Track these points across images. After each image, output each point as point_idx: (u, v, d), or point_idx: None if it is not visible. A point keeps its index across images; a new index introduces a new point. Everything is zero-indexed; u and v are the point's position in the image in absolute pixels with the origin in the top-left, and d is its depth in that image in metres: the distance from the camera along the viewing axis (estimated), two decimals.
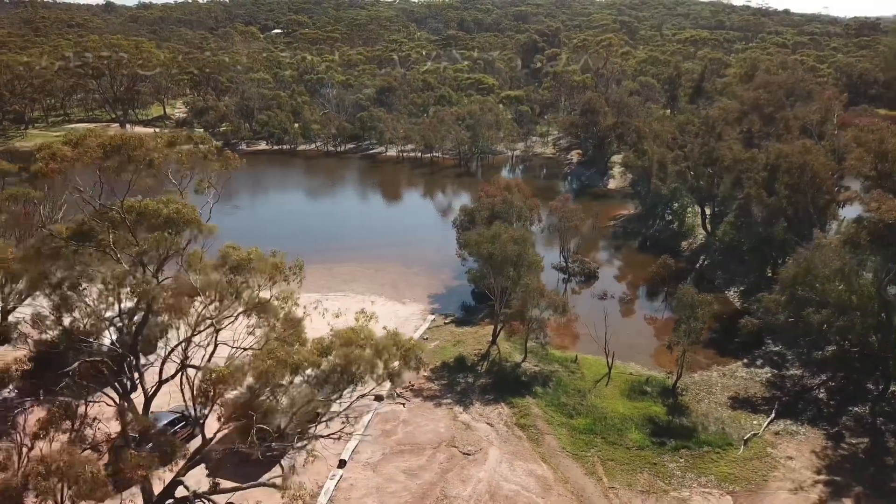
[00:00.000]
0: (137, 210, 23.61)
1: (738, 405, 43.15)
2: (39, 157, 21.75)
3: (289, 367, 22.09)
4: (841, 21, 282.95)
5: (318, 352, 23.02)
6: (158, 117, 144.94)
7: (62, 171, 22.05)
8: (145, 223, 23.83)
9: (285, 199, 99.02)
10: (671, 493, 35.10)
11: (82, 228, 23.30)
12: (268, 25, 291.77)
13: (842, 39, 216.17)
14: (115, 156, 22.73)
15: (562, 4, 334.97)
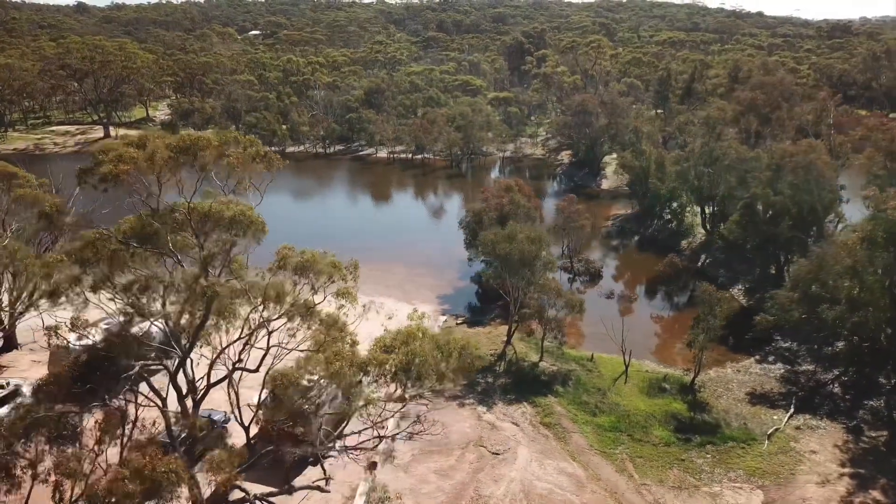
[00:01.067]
0: (202, 212, 23.32)
1: (756, 401, 43.78)
2: (107, 159, 21.36)
3: (356, 367, 21.99)
4: (812, 24, 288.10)
5: (381, 350, 22.99)
6: (141, 119, 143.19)
7: (130, 172, 21.69)
8: (208, 225, 23.55)
9: (280, 201, 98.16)
10: (702, 489, 35.53)
11: (145, 230, 22.95)
12: (245, 27, 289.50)
13: (815, 41, 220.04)
14: (184, 156, 22.44)
15: (539, 6, 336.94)
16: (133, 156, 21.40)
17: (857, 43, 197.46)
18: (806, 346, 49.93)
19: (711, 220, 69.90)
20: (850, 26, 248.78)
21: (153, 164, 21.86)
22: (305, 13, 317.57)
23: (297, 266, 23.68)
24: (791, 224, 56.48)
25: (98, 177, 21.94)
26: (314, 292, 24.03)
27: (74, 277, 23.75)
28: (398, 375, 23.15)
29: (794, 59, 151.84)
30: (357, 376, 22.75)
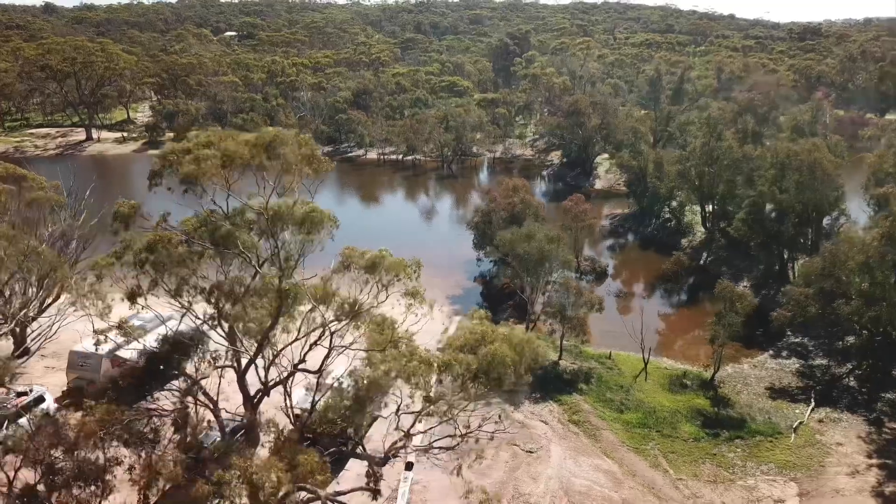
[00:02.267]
0: (274, 211, 23.10)
1: (776, 395, 44.57)
2: (188, 160, 21.05)
3: (435, 368, 22.01)
4: (782, 26, 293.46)
5: (457, 350, 23.02)
6: (122, 121, 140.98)
7: (215, 172, 21.40)
8: (279, 224, 23.33)
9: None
10: (737, 482, 36.08)
11: (220, 231, 22.65)
12: (219, 28, 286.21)
13: (786, 43, 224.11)
14: (265, 154, 22.18)
15: (516, 8, 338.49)
16: (213, 156, 21.12)
17: (827, 44, 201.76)
18: (817, 340, 50.93)
19: (712, 218, 70.91)
20: (820, 28, 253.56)
21: (234, 164, 21.58)
22: (281, 14, 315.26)
23: (366, 265, 23.61)
24: (796, 222, 57.67)
25: (179, 178, 21.54)
26: (385, 292, 23.96)
27: (153, 281, 23.42)
28: (478, 376, 23.21)
29: (771, 59, 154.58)
30: (432, 376, 22.79)
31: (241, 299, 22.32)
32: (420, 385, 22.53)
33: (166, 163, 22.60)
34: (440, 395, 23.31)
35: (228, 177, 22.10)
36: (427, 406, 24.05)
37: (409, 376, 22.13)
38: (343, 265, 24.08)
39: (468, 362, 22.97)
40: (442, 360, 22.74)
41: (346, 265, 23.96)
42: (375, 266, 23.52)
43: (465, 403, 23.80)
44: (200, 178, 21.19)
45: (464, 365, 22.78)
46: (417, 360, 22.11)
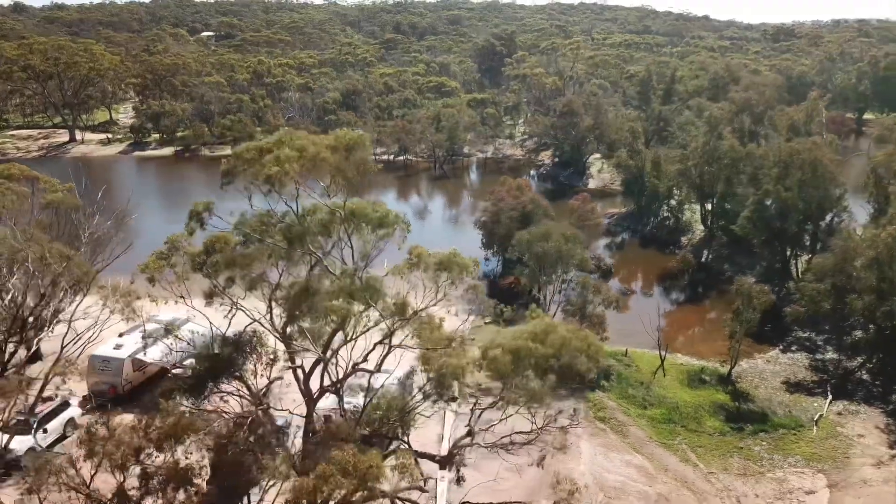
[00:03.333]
0: (349, 212, 23.11)
1: (792, 389, 45.50)
2: (269, 162, 20.97)
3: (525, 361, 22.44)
4: (755, 27, 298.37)
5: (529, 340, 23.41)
6: (105, 123, 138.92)
7: (301, 174, 21.39)
8: (354, 225, 23.35)
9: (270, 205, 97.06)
10: (767, 475, 36.81)
11: (293, 232, 22.60)
12: (195, 28, 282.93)
13: (760, 44, 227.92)
14: (346, 155, 22.18)
15: (493, 8, 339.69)
16: (295, 157, 21.07)
17: (801, 45, 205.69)
18: (823, 335, 52.04)
19: (711, 216, 72.00)
20: (793, 30, 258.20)
21: (316, 165, 21.58)
22: (257, 14, 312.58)
23: (438, 264, 23.81)
24: (800, 219, 58.85)
25: (262, 178, 21.42)
26: (455, 288, 24.22)
27: (229, 278, 23.29)
28: (551, 367, 23.55)
29: (750, 60, 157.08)
30: (510, 367, 23.05)
31: (310, 299, 22.28)
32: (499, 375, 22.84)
33: (241, 163, 22.46)
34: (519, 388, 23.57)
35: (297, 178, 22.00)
36: (497, 401, 24.34)
37: (490, 366, 22.44)
38: (412, 264, 24.21)
39: (541, 352, 23.29)
40: (513, 347, 23.03)
41: (416, 263, 24.12)
42: (446, 265, 23.71)
43: (542, 396, 24.05)
44: (283, 179, 21.13)
45: (537, 354, 23.14)
46: (498, 351, 22.45)
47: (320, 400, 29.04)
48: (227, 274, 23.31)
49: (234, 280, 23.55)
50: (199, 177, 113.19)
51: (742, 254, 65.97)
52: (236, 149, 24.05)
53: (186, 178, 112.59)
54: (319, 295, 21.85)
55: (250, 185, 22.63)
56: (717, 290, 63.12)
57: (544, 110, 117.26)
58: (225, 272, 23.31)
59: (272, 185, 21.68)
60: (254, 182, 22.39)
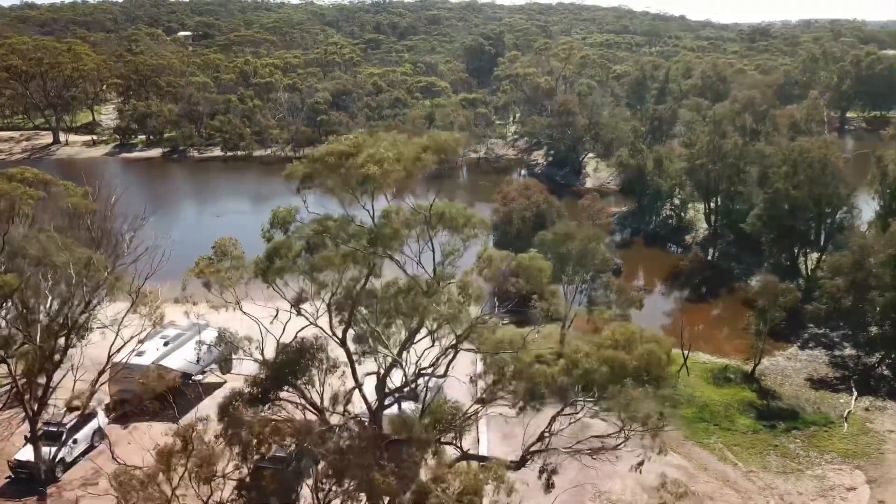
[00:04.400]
0: (436, 214, 22.65)
1: (816, 386, 45.86)
2: (368, 162, 20.36)
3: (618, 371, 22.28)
4: (731, 27, 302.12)
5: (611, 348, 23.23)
6: (87, 124, 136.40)
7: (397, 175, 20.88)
8: (438, 227, 22.90)
9: (267, 206, 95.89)
10: (807, 472, 37.00)
11: (386, 233, 22.06)
12: (171, 27, 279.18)
13: (737, 44, 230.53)
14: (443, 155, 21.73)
15: (472, 8, 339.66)
16: (392, 158, 20.55)
17: (778, 45, 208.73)
18: (838, 332, 52.52)
19: (715, 214, 72.49)
20: (769, 29, 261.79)
21: (414, 166, 21.09)
22: (234, 14, 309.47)
23: (516, 269, 23.54)
24: (810, 217, 59.47)
25: (360, 180, 20.82)
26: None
27: (321, 284, 22.69)
28: (635, 375, 23.40)
29: (736, 59, 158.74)
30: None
31: (386, 302, 21.84)
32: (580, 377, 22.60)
33: (323, 166, 21.86)
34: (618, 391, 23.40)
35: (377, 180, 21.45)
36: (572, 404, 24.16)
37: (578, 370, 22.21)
38: (483, 266, 23.84)
39: (623, 360, 23.11)
40: (606, 357, 22.82)
41: (487, 266, 23.75)
42: (525, 269, 23.41)
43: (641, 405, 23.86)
44: (386, 180, 20.62)
45: (628, 364, 22.98)
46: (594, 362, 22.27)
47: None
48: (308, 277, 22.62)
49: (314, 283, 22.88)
50: (195, 178, 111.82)
51: (748, 252, 66.39)
52: (316, 151, 23.46)
53: (183, 179, 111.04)
54: (413, 296, 21.34)
55: (338, 189, 21.93)
56: (726, 287, 63.59)
57: (537, 110, 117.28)
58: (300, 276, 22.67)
59: (368, 187, 21.08)
60: (341, 186, 21.72)
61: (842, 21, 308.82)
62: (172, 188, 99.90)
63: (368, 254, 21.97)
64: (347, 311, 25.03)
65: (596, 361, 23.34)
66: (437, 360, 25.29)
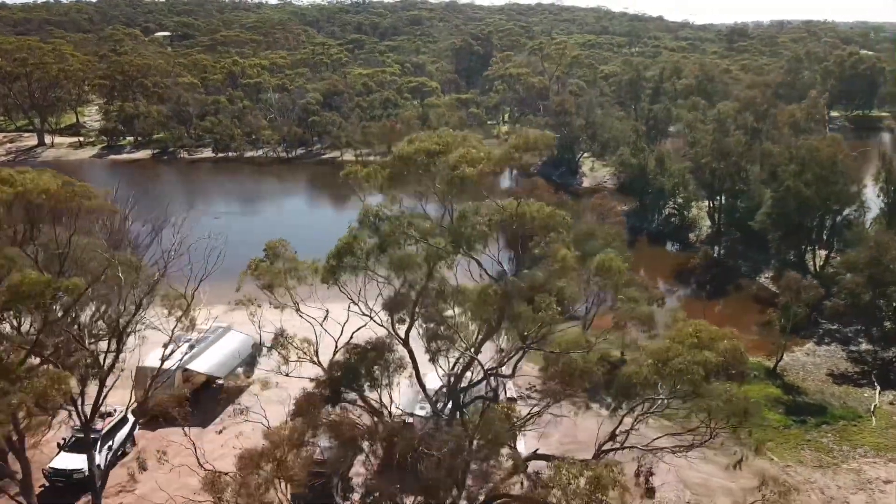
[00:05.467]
0: (521, 213, 22.41)
1: (838, 380, 46.39)
2: (462, 162, 20.06)
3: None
4: (709, 28, 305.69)
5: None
6: (71, 125, 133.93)
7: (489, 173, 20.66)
8: (520, 225, 22.68)
9: (266, 206, 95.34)
10: (843, 466, 37.38)
11: (469, 233, 21.78)
12: (149, 28, 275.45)
13: (716, 44, 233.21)
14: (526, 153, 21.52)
15: (453, 9, 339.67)
16: (483, 157, 20.29)
17: (758, 45, 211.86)
18: (854, 327, 53.16)
19: (719, 212, 73.16)
20: (746, 30, 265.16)
21: (503, 164, 20.88)
22: (212, 14, 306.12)
23: (597, 268, 23.47)
24: (819, 214, 60.23)
25: (456, 179, 20.52)
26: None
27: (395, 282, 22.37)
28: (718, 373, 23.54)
29: (721, 59, 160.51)
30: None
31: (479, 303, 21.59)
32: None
33: (410, 165, 21.54)
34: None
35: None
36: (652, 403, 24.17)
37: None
38: (561, 267, 23.70)
39: (709, 358, 23.15)
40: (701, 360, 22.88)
41: (562, 267, 23.60)
42: (606, 269, 23.37)
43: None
44: (482, 180, 20.40)
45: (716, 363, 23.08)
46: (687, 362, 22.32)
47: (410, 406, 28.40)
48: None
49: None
50: (186, 179, 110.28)
51: (754, 249, 67.08)
52: (398, 151, 23.11)
53: (175, 181, 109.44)
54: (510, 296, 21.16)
55: (426, 189, 21.64)
56: (733, 284, 64.17)
57: (531, 110, 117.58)
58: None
59: (457, 185, 20.82)
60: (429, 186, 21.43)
61: (815, 22, 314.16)
62: (167, 189, 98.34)
63: (450, 253, 21.67)
64: (411, 310, 24.73)
65: (689, 360, 23.26)
66: (503, 361, 25.09)
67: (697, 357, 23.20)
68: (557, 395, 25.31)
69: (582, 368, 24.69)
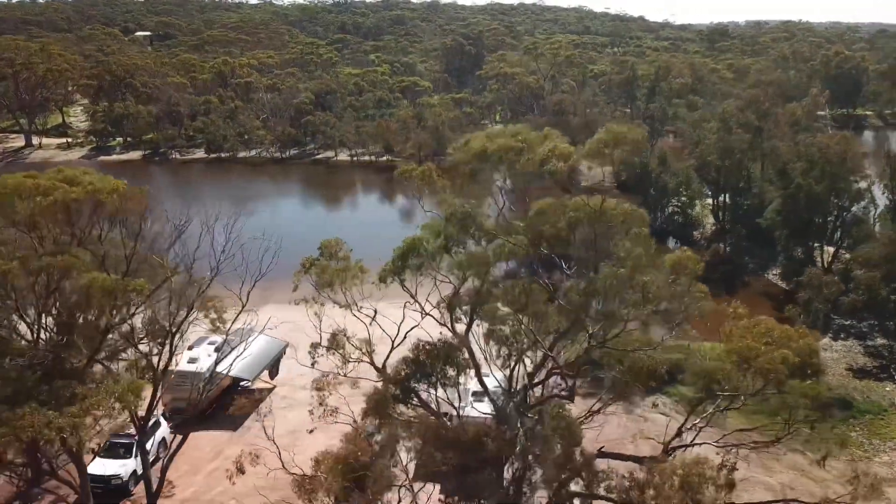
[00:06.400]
0: (600, 210, 22.30)
1: (859, 375, 46.93)
2: (550, 157, 19.95)
3: None
4: (690, 27, 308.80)
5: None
6: (58, 126, 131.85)
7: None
8: (596, 223, 22.58)
9: (263, 207, 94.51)
10: (874, 459, 37.81)
11: (560, 233, 21.70)
12: (129, 28, 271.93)
13: (697, 44, 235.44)
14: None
15: (435, 8, 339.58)
16: (572, 152, 20.23)
17: (739, 45, 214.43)
18: (867, 322, 53.84)
19: (724, 210, 73.78)
20: (727, 30, 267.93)
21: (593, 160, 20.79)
22: (193, 14, 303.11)
23: (673, 265, 23.58)
24: (828, 211, 60.95)
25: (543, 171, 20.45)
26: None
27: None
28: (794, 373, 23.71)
29: (710, 59, 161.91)
30: None
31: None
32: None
33: (486, 160, 21.38)
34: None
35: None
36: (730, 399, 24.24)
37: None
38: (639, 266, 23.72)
39: (784, 356, 23.25)
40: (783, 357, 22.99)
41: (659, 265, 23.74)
42: (681, 266, 23.42)
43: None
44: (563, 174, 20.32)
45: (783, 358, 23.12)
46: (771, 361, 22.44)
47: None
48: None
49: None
50: (180, 180, 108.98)
51: (761, 246, 67.70)
52: (476, 147, 22.89)
53: (170, 183, 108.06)
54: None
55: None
56: (741, 280, 64.74)
57: (525, 109, 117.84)
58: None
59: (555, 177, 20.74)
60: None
61: (793, 23, 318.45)
62: (163, 190, 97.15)
63: (526, 252, 21.55)
64: (472, 309, 24.60)
65: (774, 358, 23.34)
66: (571, 359, 25.03)
67: (778, 355, 23.22)
68: (624, 394, 25.20)
69: (648, 366, 24.68)
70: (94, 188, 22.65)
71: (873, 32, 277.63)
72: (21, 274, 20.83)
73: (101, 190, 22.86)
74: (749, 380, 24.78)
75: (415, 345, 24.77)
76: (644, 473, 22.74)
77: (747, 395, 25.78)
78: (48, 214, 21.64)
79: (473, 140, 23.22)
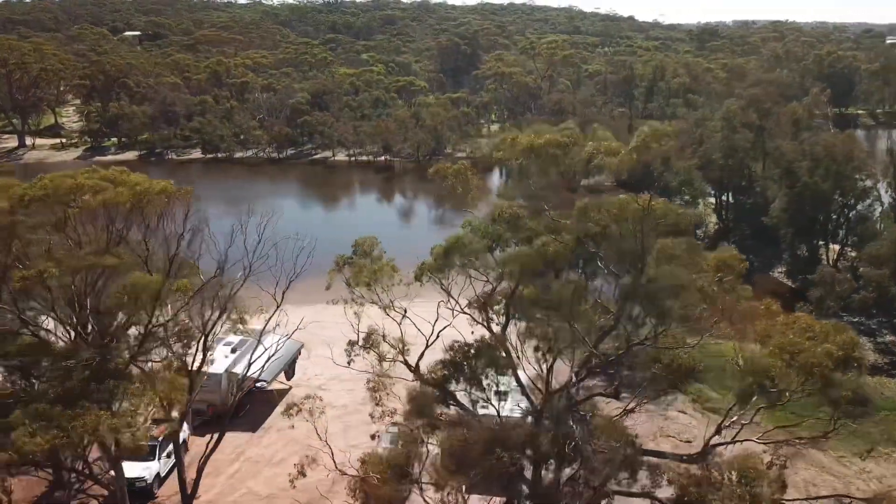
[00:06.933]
0: (650, 209, 22.29)
1: (870, 372, 46.94)
2: (598, 152, 19.87)
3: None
4: (679, 27, 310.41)
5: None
6: (50, 126, 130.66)
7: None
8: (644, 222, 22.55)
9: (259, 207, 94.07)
10: (894, 455, 38.05)
11: (607, 232, 21.65)
12: (117, 27, 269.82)
13: (687, 44, 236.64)
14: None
15: (426, 8, 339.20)
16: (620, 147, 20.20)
17: (729, 45, 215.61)
18: (873, 319, 54.24)
19: (726, 209, 74.11)
20: (717, 30, 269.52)
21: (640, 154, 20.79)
22: (182, 13, 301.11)
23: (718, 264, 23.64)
24: (833, 209, 61.35)
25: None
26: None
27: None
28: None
29: (702, 59, 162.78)
30: None
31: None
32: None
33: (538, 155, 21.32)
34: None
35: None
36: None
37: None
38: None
39: (828, 350, 23.34)
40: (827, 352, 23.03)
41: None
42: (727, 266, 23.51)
43: None
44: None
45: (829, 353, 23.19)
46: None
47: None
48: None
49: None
50: (177, 181, 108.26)
51: (764, 244, 68.02)
52: (525, 142, 22.81)
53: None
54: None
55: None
56: (747, 279, 64.76)
57: (523, 109, 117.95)
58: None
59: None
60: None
61: (781, 22, 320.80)
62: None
63: (571, 251, 21.53)
64: (509, 308, 24.56)
65: (820, 353, 23.41)
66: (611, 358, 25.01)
67: (822, 350, 23.30)
68: (663, 392, 25.22)
69: (687, 364, 24.72)
70: (143, 188, 22.37)
71: (859, 32, 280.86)
72: (59, 274, 20.52)
73: (149, 190, 22.59)
74: (793, 375, 24.68)
75: (450, 345, 24.66)
76: (698, 469, 22.72)
77: (792, 392, 25.47)
78: (89, 215, 21.31)
79: (521, 137, 23.16)
